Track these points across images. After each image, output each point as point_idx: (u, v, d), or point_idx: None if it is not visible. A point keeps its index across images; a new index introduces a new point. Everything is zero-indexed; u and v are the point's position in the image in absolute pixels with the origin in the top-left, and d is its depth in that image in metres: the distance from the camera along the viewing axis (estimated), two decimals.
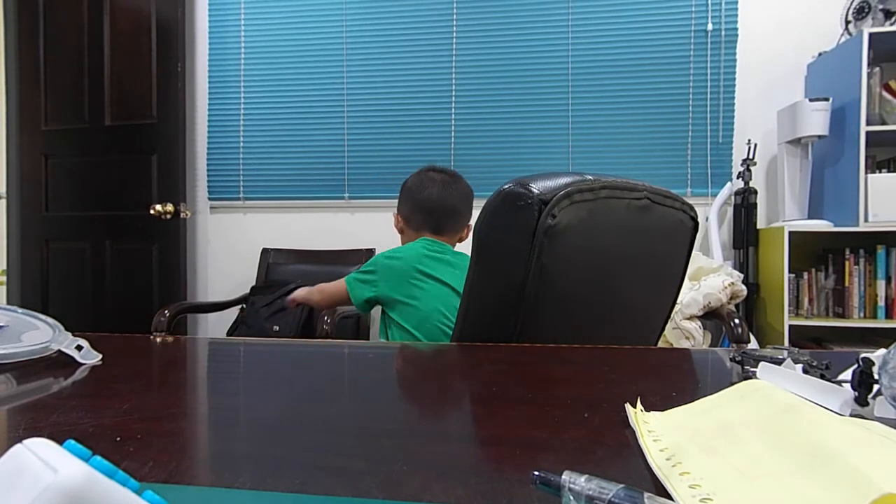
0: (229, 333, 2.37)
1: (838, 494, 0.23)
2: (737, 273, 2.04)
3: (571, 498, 0.23)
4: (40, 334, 0.55)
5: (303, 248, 2.59)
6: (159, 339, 0.69)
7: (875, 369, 0.36)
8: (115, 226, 2.52)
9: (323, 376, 0.50)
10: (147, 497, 0.18)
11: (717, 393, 0.39)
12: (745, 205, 2.26)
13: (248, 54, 2.66)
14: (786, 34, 2.35)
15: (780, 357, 0.47)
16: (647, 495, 0.22)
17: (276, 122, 2.65)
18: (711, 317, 1.88)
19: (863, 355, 0.37)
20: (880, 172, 2.15)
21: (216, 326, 2.70)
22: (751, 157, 2.25)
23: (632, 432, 0.34)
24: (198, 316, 2.72)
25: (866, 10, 2.10)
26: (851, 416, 0.36)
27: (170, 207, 2.39)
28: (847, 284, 2.11)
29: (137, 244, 2.48)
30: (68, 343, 0.55)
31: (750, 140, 2.29)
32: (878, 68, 2.08)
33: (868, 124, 1.99)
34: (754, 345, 1.99)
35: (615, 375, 0.50)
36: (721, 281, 1.89)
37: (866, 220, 1.99)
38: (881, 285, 2.07)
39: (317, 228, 2.64)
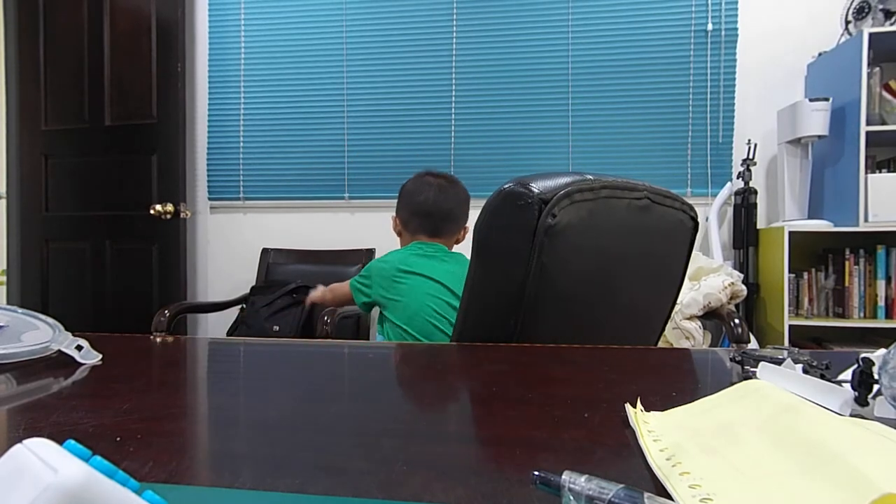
0: (229, 333, 2.37)
1: (838, 494, 0.23)
2: (737, 273, 2.04)
3: (571, 498, 0.23)
4: (40, 334, 0.55)
5: (303, 248, 2.59)
6: (159, 339, 0.69)
7: (875, 369, 0.36)
8: (115, 226, 2.52)
9: (323, 376, 0.50)
10: (147, 497, 0.18)
11: (717, 393, 0.39)
12: (745, 205, 2.26)
13: (248, 54, 2.66)
14: (786, 34, 2.35)
15: (780, 357, 0.47)
16: (647, 495, 0.22)
17: (276, 122, 2.65)
18: (711, 317, 1.88)
19: (863, 355, 0.37)
20: (880, 172, 2.15)
21: (216, 326, 2.70)
22: (751, 157, 2.24)
23: (632, 432, 0.34)
24: (198, 316, 2.72)
25: (866, 10, 2.10)
26: (851, 416, 0.36)
27: (170, 207, 2.39)
28: (847, 284, 2.11)
29: (137, 244, 2.48)
30: (68, 343, 0.55)
31: (750, 140, 2.29)
32: (878, 68, 2.07)
33: (868, 124, 1.99)
34: (754, 345, 1.99)
35: (615, 375, 0.50)
36: (721, 281, 1.89)
37: (866, 220, 1.99)
38: (881, 285, 2.07)
39: (317, 228, 2.64)
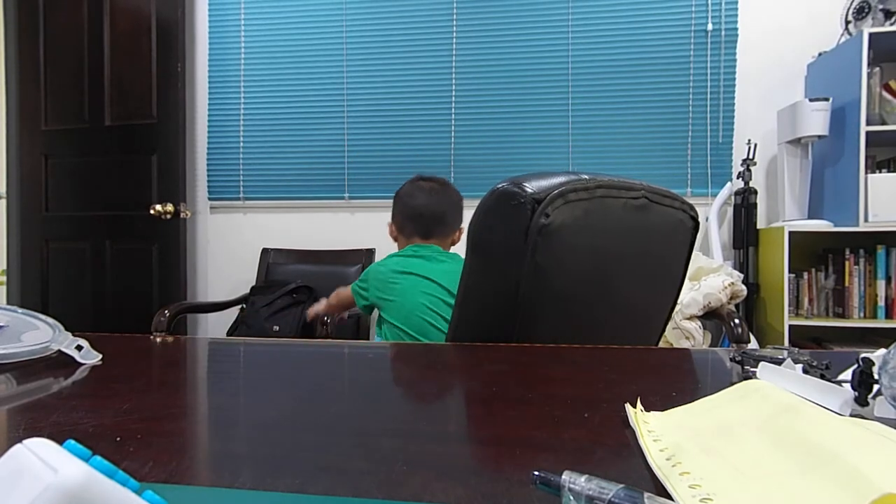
0: (229, 333, 2.37)
1: (838, 494, 0.23)
2: (737, 273, 2.04)
3: (571, 498, 0.23)
4: (40, 334, 0.55)
5: (303, 248, 2.59)
6: (159, 339, 0.69)
7: (875, 369, 0.36)
8: (115, 226, 2.52)
9: (323, 376, 0.50)
10: (147, 497, 0.18)
11: (717, 393, 0.39)
12: (745, 205, 2.26)
13: (248, 54, 2.66)
14: (786, 34, 2.35)
15: (780, 357, 0.47)
16: (647, 495, 0.22)
17: (276, 122, 2.65)
18: (711, 317, 1.88)
19: (863, 355, 0.37)
20: (880, 172, 2.15)
21: (216, 326, 2.70)
22: (751, 157, 2.24)
23: (632, 432, 0.34)
24: (198, 316, 2.72)
25: (866, 10, 2.10)
26: (851, 416, 0.36)
27: (170, 207, 2.39)
28: (847, 284, 2.11)
29: (137, 244, 2.48)
30: (68, 343, 0.55)
31: (750, 140, 2.29)
32: (878, 68, 2.07)
33: (868, 124, 1.99)
34: (754, 345, 1.99)
35: (615, 375, 0.50)
36: (721, 281, 1.89)
37: (866, 220, 1.99)
38: (881, 285, 2.07)
39: (317, 228, 2.64)
